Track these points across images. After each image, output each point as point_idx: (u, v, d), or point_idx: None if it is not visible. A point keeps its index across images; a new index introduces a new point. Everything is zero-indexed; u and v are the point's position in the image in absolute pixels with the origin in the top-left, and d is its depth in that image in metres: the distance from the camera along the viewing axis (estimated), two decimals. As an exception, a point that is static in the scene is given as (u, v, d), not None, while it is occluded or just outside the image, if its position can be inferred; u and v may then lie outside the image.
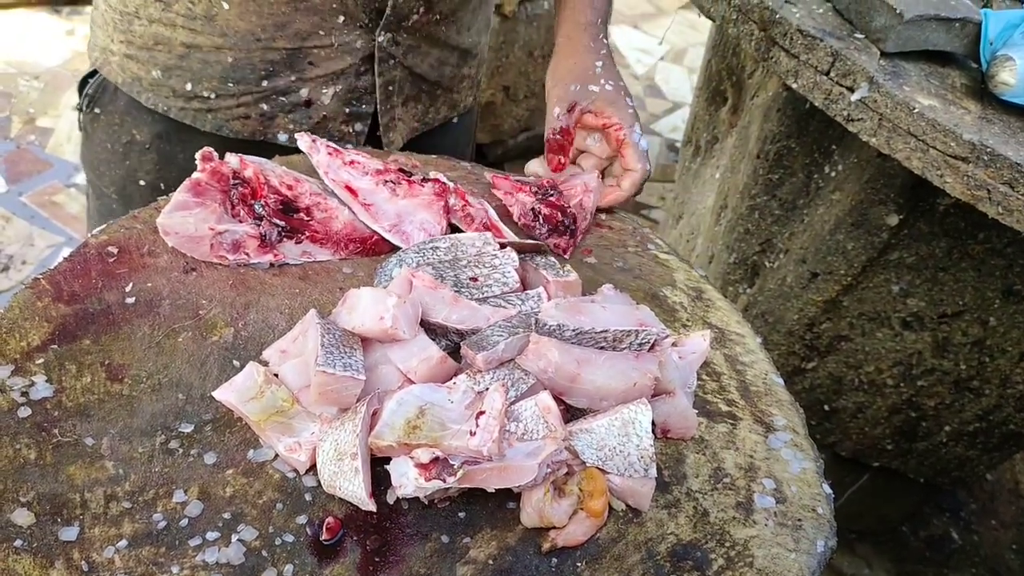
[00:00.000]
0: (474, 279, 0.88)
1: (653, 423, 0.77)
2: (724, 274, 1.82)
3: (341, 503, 0.71)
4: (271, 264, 0.91)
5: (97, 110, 1.17)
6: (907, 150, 1.17)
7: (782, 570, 0.73)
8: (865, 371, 1.69)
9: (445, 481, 0.68)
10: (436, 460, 0.69)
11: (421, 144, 1.24)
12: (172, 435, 0.74)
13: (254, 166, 0.94)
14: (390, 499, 0.72)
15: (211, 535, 0.67)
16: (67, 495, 0.68)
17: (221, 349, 0.82)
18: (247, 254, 0.90)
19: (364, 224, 0.96)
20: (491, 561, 0.70)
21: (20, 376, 0.75)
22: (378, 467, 0.72)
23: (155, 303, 0.84)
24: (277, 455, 0.73)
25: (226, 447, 0.74)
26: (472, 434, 0.69)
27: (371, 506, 0.69)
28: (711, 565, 0.72)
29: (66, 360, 0.77)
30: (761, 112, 1.66)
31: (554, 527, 0.71)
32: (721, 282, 1.83)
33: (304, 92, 1.10)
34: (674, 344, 0.87)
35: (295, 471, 0.73)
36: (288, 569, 0.66)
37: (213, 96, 1.10)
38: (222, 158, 0.93)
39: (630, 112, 1.06)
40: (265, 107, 1.10)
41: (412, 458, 0.69)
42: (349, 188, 0.97)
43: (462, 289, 0.87)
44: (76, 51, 3.19)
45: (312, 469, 0.73)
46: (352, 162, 0.99)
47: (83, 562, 0.64)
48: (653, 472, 0.73)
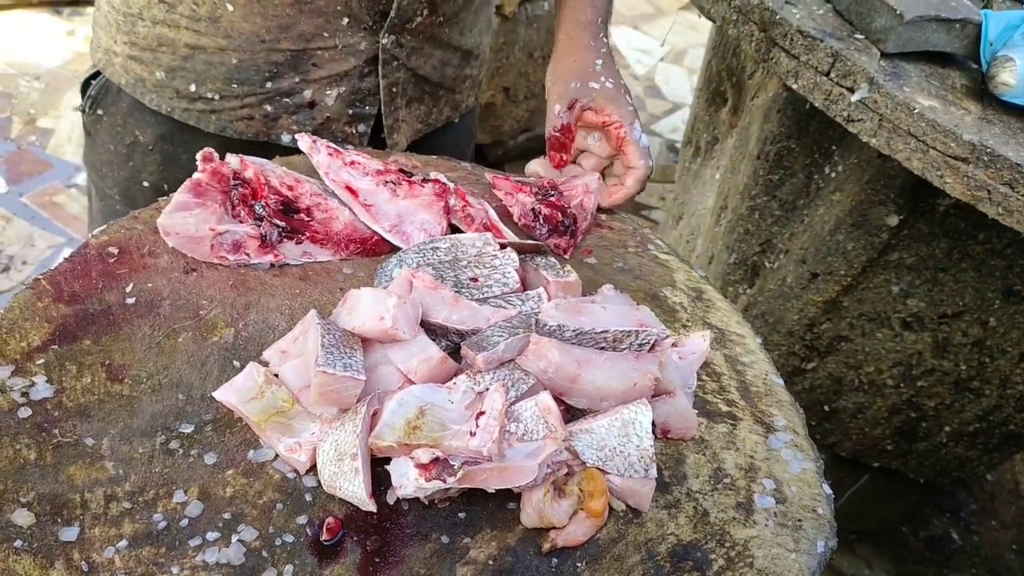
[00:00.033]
0: (474, 279, 0.88)
1: (653, 423, 0.77)
2: (724, 274, 1.82)
3: (341, 503, 0.71)
4: (271, 264, 0.91)
5: (100, 111, 1.17)
6: (907, 151, 1.17)
7: (782, 570, 0.73)
8: (865, 371, 1.69)
9: (445, 481, 0.68)
10: (436, 460, 0.69)
11: (423, 144, 1.24)
12: (172, 435, 0.74)
13: (254, 167, 0.94)
14: (390, 499, 0.72)
15: (211, 535, 0.67)
16: (67, 495, 0.68)
17: (221, 349, 0.82)
18: (247, 254, 0.90)
19: (364, 224, 0.96)
20: (491, 561, 0.70)
21: (20, 376, 0.75)
22: (378, 467, 0.72)
23: (155, 303, 0.84)
24: (277, 455, 0.73)
25: (226, 447, 0.74)
26: (472, 434, 0.69)
27: (371, 506, 0.69)
28: (711, 565, 0.72)
29: (66, 360, 0.77)
30: (761, 113, 1.66)
31: (554, 527, 0.71)
32: (721, 282, 1.83)
33: (308, 93, 1.10)
34: (674, 344, 0.87)
35: (295, 471, 0.73)
36: (288, 569, 0.66)
37: (217, 97, 1.10)
38: (223, 159, 0.93)
39: (630, 110, 1.06)
40: (269, 108, 1.11)
41: (412, 458, 0.69)
42: (349, 189, 0.97)
43: (462, 289, 0.87)
44: (77, 52, 3.19)
45: (312, 469, 0.73)
46: (352, 163, 0.99)
47: (83, 562, 0.64)
48: (653, 472, 0.73)
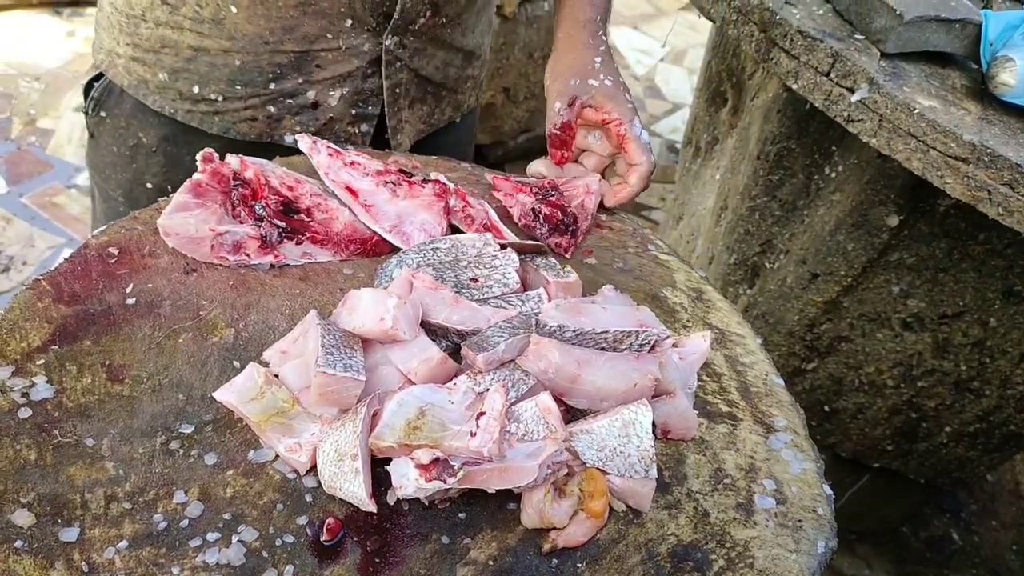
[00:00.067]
0: (474, 280, 0.88)
1: (653, 424, 0.77)
2: (724, 275, 1.82)
3: (341, 504, 0.71)
4: (271, 265, 0.91)
5: (103, 113, 1.17)
6: (907, 151, 1.17)
7: (782, 571, 0.73)
8: (865, 372, 1.69)
9: (445, 482, 0.68)
10: (436, 461, 0.69)
11: (426, 144, 1.25)
12: (172, 436, 0.74)
13: (255, 167, 0.94)
14: (390, 500, 0.72)
15: (211, 536, 0.67)
16: (67, 496, 0.68)
17: (222, 350, 0.82)
18: (248, 255, 0.90)
19: (364, 225, 0.96)
20: (491, 562, 0.70)
21: (21, 377, 0.75)
22: (378, 468, 0.72)
23: (156, 304, 0.84)
24: (277, 456, 0.73)
25: (226, 448, 0.74)
26: (472, 435, 0.69)
27: (371, 507, 0.69)
28: (711, 566, 0.72)
29: (67, 361, 0.77)
30: (761, 113, 1.66)
31: (554, 528, 0.71)
32: (721, 283, 1.83)
33: (311, 94, 1.11)
34: (674, 345, 0.87)
35: (295, 472, 0.73)
36: (288, 570, 0.66)
37: (220, 99, 1.10)
38: (223, 159, 0.93)
39: (629, 107, 1.06)
40: (272, 109, 1.11)
41: (412, 459, 0.69)
42: (350, 189, 0.97)
43: (462, 290, 0.87)
44: (77, 52, 3.19)
45: (312, 470, 0.73)
46: (352, 163, 0.99)
47: (83, 563, 0.64)
48: (653, 473, 0.73)
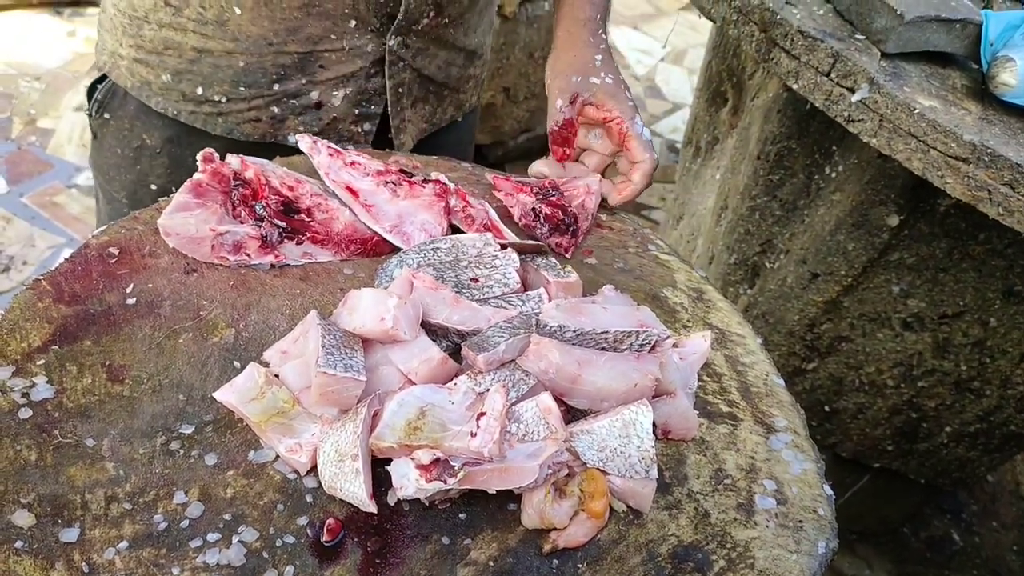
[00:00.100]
0: (475, 280, 0.88)
1: (654, 424, 0.77)
2: (724, 275, 1.82)
3: (342, 504, 0.71)
4: (272, 265, 0.91)
5: (107, 115, 1.17)
6: (908, 151, 1.17)
7: (783, 571, 0.72)
8: (866, 372, 1.69)
9: (446, 482, 0.68)
10: (437, 461, 0.69)
11: (428, 143, 1.25)
12: (173, 436, 0.74)
13: (255, 167, 0.94)
14: (391, 500, 0.72)
15: (212, 536, 0.67)
16: (68, 496, 0.68)
17: (222, 350, 0.82)
18: (248, 255, 0.90)
19: (365, 225, 0.96)
20: (492, 563, 0.70)
21: (21, 377, 0.75)
22: (379, 468, 0.72)
23: (156, 304, 0.84)
24: (278, 456, 0.73)
25: (227, 448, 0.74)
26: (473, 435, 0.69)
27: (372, 507, 0.69)
28: (712, 567, 0.72)
29: (67, 361, 0.77)
30: (761, 113, 1.66)
31: (555, 528, 0.71)
32: (721, 283, 1.83)
33: (315, 95, 1.11)
34: (675, 345, 0.87)
35: (296, 472, 0.73)
36: (289, 570, 0.66)
37: (224, 100, 1.10)
38: (224, 159, 0.93)
39: (630, 105, 1.06)
40: (276, 110, 1.11)
41: (413, 459, 0.69)
42: (350, 189, 0.97)
43: (463, 290, 0.87)
44: (77, 52, 3.19)
45: (313, 470, 0.72)
46: (353, 163, 0.99)
47: (84, 563, 0.64)
48: (654, 473, 0.73)
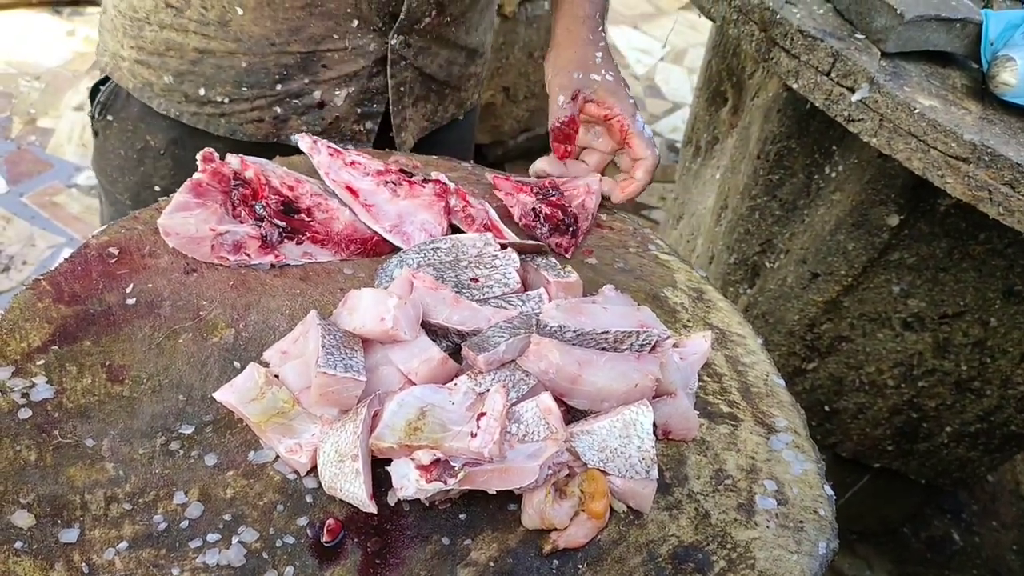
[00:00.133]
0: (475, 280, 0.88)
1: (654, 424, 0.77)
2: (725, 275, 1.82)
3: (342, 505, 0.71)
4: (272, 265, 0.91)
5: (110, 117, 1.17)
6: (908, 150, 1.17)
7: (784, 572, 0.72)
8: (866, 372, 1.69)
9: (446, 483, 0.68)
10: (437, 462, 0.68)
11: (429, 141, 1.25)
12: (173, 436, 0.73)
13: (255, 167, 0.94)
14: (391, 501, 0.72)
15: (212, 537, 0.67)
16: (67, 497, 0.68)
17: (222, 350, 0.82)
18: (248, 255, 0.90)
19: (365, 225, 0.96)
20: (492, 563, 0.70)
21: (21, 377, 0.75)
22: (379, 469, 0.72)
23: (156, 304, 0.84)
24: (278, 457, 0.73)
25: (227, 449, 0.74)
26: (473, 435, 0.69)
27: (372, 508, 0.69)
28: (713, 567, 0.72)
29: (67, 361, 0.77)
30: (761, 113, 1.66)
31: (555, 529, 0.71)
32: (722, 283, 1.83)
33: (317, 94, 1.11)
34: (675, 345, 0.87)
35: (296, 473, 0.73)
36: (289, 571, 0.66)
37: (227, 100, 1.10)
38: (224, 159, 0.93)
39: (630, 102, 1.07)
40: (279, 110, 1.11)
41: (413, 460, 0.69)
42: (350, 189, 0.97)
43: (463, 290, 0.87)
44: (77, 52, 3.19)
45: (313, 471, 0.72)
46: (353, 163, 0.99)
47: (83, 564, 0.64)
48: (654, 474, 0.73)
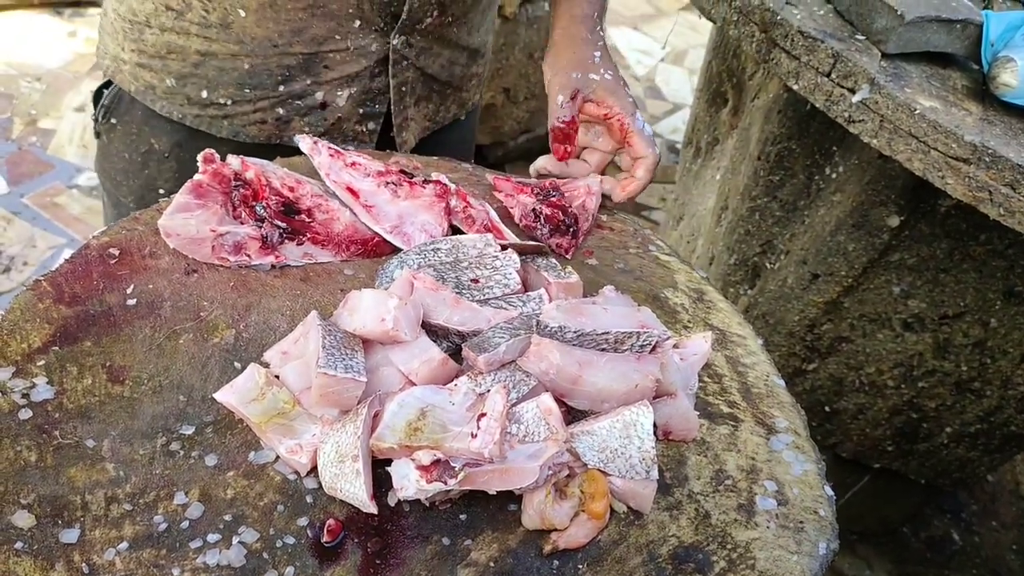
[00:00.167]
0: (475, 281, 0.88)
1: (655, 425, 0.77)
2: (725, 275, 1.82)
3: (342, 505, 0.71)
4: (272, 266, 0.91)
5: (114, 120, 1.17)
6: (908, 151, 1.17)
7: (784, 572, 0.72)
8: (866, 372, 1.69)
9: (446, 483, 0.68)
10: (437, 462, 0.69)
11: (431, 142, 1.25)
12: (173, 437, 0.74)
13: (256, 168, 0.94)
14: (391, 501, 0.72)
15: (212, 537, 0.67)
16: (68, 497, 0.68)
17: (222, 351, 0.82)
18: (248, 256, 0.90)
19: (365, 226, 0.96)
20: (492, 563, 0.70)
21: (21, 378, 0.75)
22: (379, 469, 0.72)
23: (156, 305, 0.84)
24: (278, 457, 0.73)
25: (227, 449, 0.74)
26: (473, 436, 0.69)
27: (372, 508, 0.69)
28: (713, 567, 0.72)
29: (67, 362, 0.77)
30: (762, 114, 1.66)
31: (555, 529, 0.71)
32: (722, 283, 1.83)
33: (319, 95, 1.11)
34: (675, 346, 0.87)
35: (296, 473, 0.73)
36: (289, 571, 0.66)
37: (229, 102, 1.10)
38: (224, 159, 0.93)
39: (630, 101, 1.06)
40: (281, 111, 1.11)
41: (413, 460, 0.69)
42: (350, 190, 0.97)
43: (463, 291, 0.87)
44: (78, 53, 3.19)
45: (313, 471, 0.72)
46: (353, 164, 0.99)
47: (84, 564, 0.64)
48: (655, 474, 0.73)
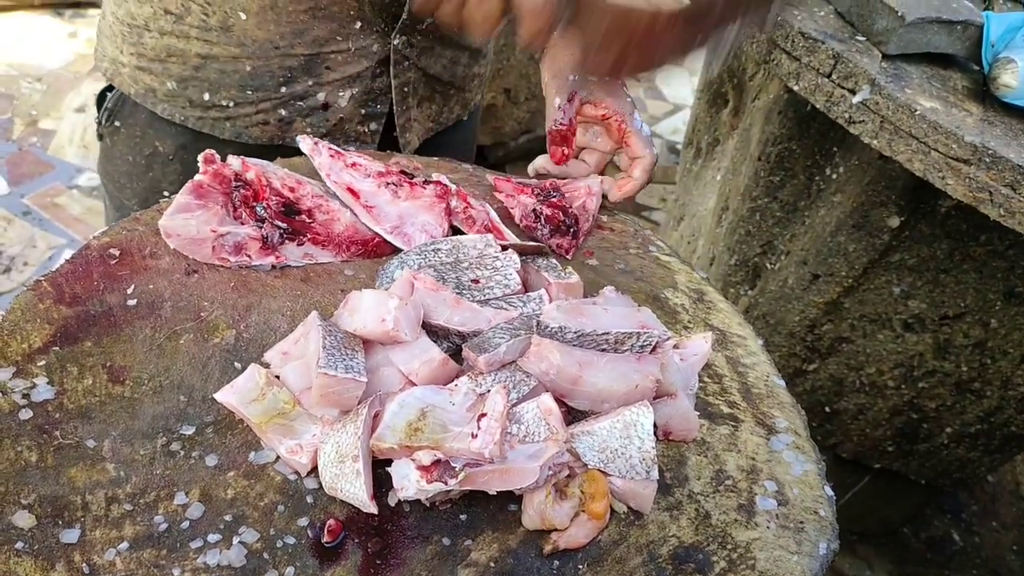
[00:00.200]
0: (476, 281, 0.88)
1: (655, 425, 0.77)
2: (725, 276, 1.82)
3: (342, 505, 0.71)
4: (273, 266, 0.91)
5: (117, 123, 1.17)
6: (908, 152, 1.17)
7: (784, 572, 0.72)
8: (866, 373, 1.69)
9: (447, 483, 0.68)
10: (438, 462, 0.69)
11: (433, 143, 1.25)
12: (173, 437, 0.74)
13: (256, 168, 0.94)
14: (391, 501, 0.72)
15: (212, 537, 0.67)
16: (68, 497, 0.68)
17: (223, 351, 0.82)
18: (249, 256, 0.90)
19: (366, 226, 0.96)
20: (492, 563, 0.70)
21: (21, 378, 0.75)
22: (379, 469, 0.72)
23: (157, 305, 0.84)
24: (278, 457, 0.73)
25: (227, 449, 0.74)
26: (474, 436, 0.69)
27: (372, 508, 0.69)
28: (713, 568, 0.72)
29: (67, 362, 0.77)
30: (762, 114, 1.66)
31: (556, 529, 0.71)
32: (722, 284, 1.83)
33: (321, 96, 1.11)
34: (676, 346, 0.87)
35: (296, 473, 0.73)
36: (289, 571, 0.66)
37: (231, 105, 1.10)
38: (225, 160, 0.93)
39: (628, 101, 1.06)
40: (283, 112, 1.11)
41: (413, 460, 0.69)
42: (351, 190, 0.97)
43: (464, 291, 0.87)
44: (78, 53, 3.19)
45: (313, 471, 0.72)
46: (354, 164, 0.99)
47: (84, 564, 0.64)
48: (655, 474, 0.73)
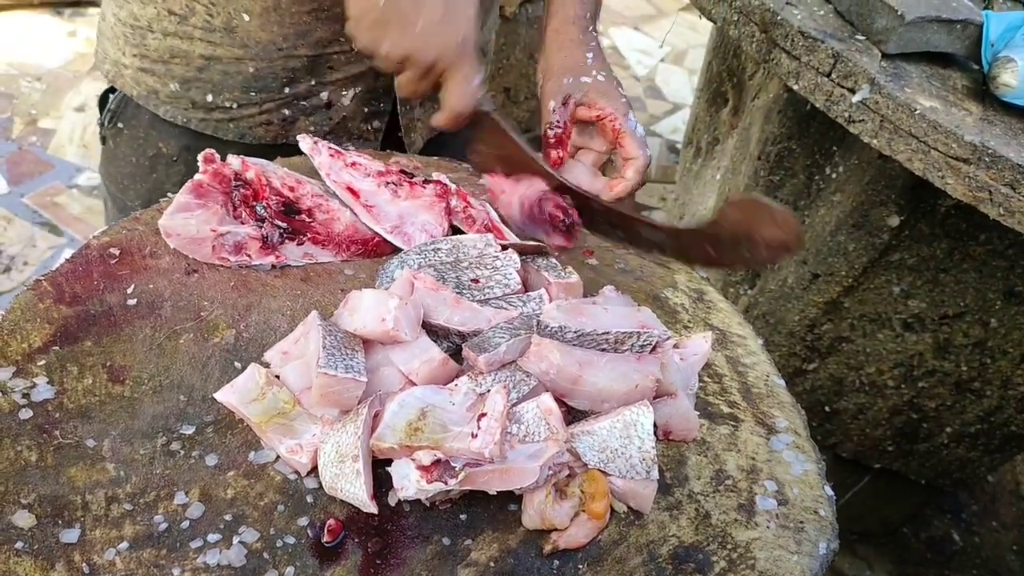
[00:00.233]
0: (476, 281, 0.88)
1: (655, 425, 0.77)
2: (725, 275, 1.82)
3: (342, 505, 0.71)
4: (273, 266, 0.91)
5: (120, 124, 1.17)
6: (908, 151, 1.17)
7: (784, 572, 0.72)
8: (866, 372, 1.69)
9: (447, 483, 0.68)
10: (438, 462, 0.69)
11: (436, 142, 1.25)
12: (173, 437, 0.74)
13: (256, 168, 0.94)
14: (391, 501, 0.72)
15: (212, 537, 0.67)
16: (68, 497, 0.68)
17: (223, 351, 0.82)
18: (249, 255, 0.90)
19: (366, 226, 0.96)
20: (492, 563, 0.70)
21: (21, 378, 0.75)
22: (379, 469, 0.72)
23: (157, 305, 0.84)
24: (278, 457, 0.73)
25: (227, 449, 0.74)
26: (474, 436, 0.69)
27: (372, 508, 0.69)
28: (713, 567, 0.72)
29: (67, 362, 0.77)
30: (762, 114, 1.66)
31: (556, 529, 0.71)
32: (722, 284, 1.83)
33: (324, 95, 1.11)
34: (676, 346, 0.87)
35: (296, 473, 0.73)
36: (289, 571, 0.66)
37: (235, 106, 1.10)
38: (224, 159, 0.93)
39: (623, 101, 1.06)
40: (287, 112, 1.11)
41: (414, 460, 0.69)
42: (351, 189, 0.97)
43: (464, 291, 0.87)
44: (78, 53, 3.19)
45: (313, 471, 0.72)
46: (354, 163, 0.99)
47: (84, 564, 0.64)
48: (655, 474, 0.73)
